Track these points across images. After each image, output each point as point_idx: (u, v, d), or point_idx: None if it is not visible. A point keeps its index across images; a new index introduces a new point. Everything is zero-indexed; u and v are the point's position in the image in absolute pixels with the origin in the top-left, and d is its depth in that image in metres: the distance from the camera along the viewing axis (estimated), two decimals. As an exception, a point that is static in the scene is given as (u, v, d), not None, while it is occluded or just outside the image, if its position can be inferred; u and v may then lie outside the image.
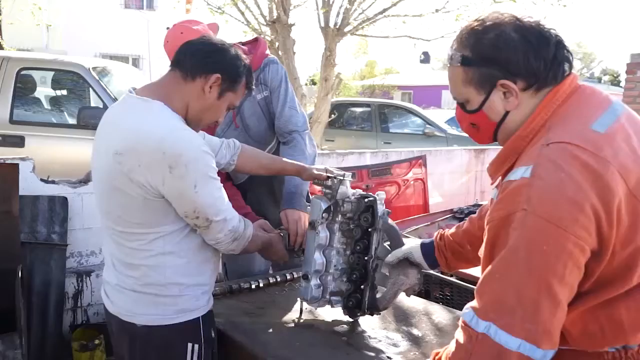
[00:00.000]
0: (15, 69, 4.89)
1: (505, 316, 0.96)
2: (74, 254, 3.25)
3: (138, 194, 1.39)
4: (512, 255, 0.98)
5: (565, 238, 0.93)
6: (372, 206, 1.73)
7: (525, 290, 0.95)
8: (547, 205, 0.95)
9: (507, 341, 0.95)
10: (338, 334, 1.73)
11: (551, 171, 0.98)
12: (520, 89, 1.10)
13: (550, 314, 0.95)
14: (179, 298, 1.50)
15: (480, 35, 1.11)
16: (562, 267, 0.94)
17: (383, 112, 9.13)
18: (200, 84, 1.48)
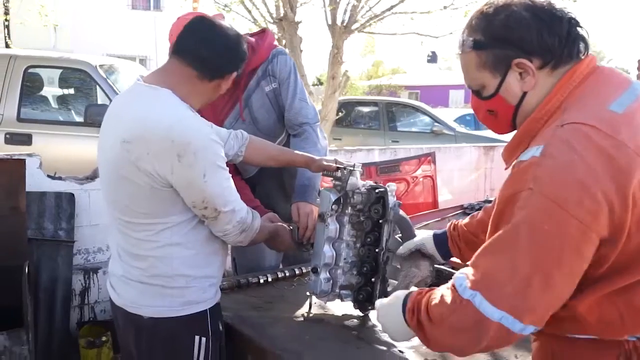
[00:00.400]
0: (22, 67, 4.89)
1: (494, 290, 0.96)
2: (80, 250, 3.23)
3: (146, 182, 1.36)
4: (512, 231, 0.96)
5: (568, 221, 0.91)
6: (382, 197, 1.69)
7: (519, 267, 0.94)
8: (554, 185, 0.93)
9: (490, 312, 0.96)
10: (348, 328, 1.69)
11: (563, 151, 0.95)
12: (536, 68, 1.07)
13: (541, 293, 0.94)
14: (186, 290, 1.47)
15: (491, 17, 1.09)
16: (560, 250, 0.93)
17: (391, 111, 9.07)
18: (217, 83, 1.49)
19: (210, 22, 1.49)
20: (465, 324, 1.00)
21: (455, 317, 1.02)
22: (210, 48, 1.45)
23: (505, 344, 1.04)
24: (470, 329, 1.00)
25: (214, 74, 1.46)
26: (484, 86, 1.14)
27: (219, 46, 1.46)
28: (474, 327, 0.99)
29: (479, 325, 0.98)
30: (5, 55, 5.07)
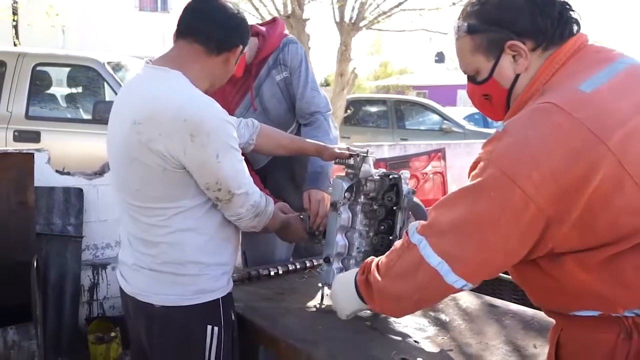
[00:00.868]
0: (30, 65, 4.89)
1: (436, 236, 1.04)
2: (89, 246, 3.22)
3: (157, 164, 1.33)
4: (464, 191, 1.03)
5: (513, 190, 0.95)
6: (396, 184, 1.65)
7: (461, 222, 1.01)
8: (507, 159, 0.97)
9: (429, 256, 1.04)
10: (361, 318, 1.65)
11: (521, 128, 0.99)
12: (529, 49, 1.09)
13: (475, 249, 1.01)
14: (198, 278, 1.44)
15: (484, 1, 1.11)
16: (500, 213, 0.97)
17: (399, 109, 9.03)
18: (225, 57, 1.46)
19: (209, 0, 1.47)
20: (407, 267, 1.09)
21: (400, 262, 1.11)
22: (211, 20, 1.44)
23: (438, 294, 1.11)
24: (411, 273, 1.08)
25: (220, 46, 1.44)
26: (478, 70, 1.15)
27: (219, 19, 1.45)
28: (414, 269, 1.07)
29: (418, 267, 1.06)
30: (13, 53, 5.07)
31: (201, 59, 1.43)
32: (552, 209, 0.95)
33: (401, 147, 4.93)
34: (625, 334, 0.99)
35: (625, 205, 0.94)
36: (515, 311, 1.71)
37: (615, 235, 0.96)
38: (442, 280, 1.04)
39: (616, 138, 0.94)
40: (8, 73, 4.85)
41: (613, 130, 0.94)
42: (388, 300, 1.18)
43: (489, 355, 1.42)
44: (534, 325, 1.59)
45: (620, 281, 0.97)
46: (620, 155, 0.93)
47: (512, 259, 1.02)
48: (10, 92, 4.82)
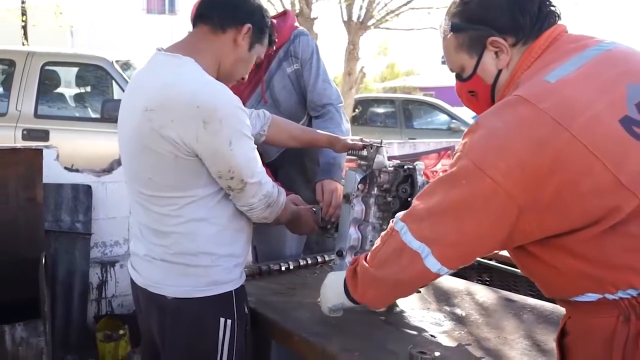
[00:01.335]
0: (39, 64, 4.89)
1: (415, 222, 1.09)
2: (97, 243, 3.21)
3: (169, 151, 1.30)
4: (439, 181, 1.09)
5: (482, 179, 0.99)
6: (411, 175, 1.61)
7: (437, 209, 1.06)
8: (477, 150, 1.02)
9: (410, 241, 1.08)
10: (375, 313, 1.61)
11: (490, 120, 1.04)
12: (510, 45, 1.13)
13: (452, 235, 1.05)
14: (210, 269, 1.41)
15: (467, 1, 1.17)
16: (472, 202, 1.01)
17: (407, 108, 8.98)
18: (232, 36, 1.43)
19: None
20: (391, 252, 1.13)
21: (384, 248, 1.16)
22: (215, 1, 1.44)
23: (416, 278, 1.13)
24: (394, 258, 1.12)
25: (223, 23, 1.42)
26: (463, 68, 1.20)
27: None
28: (397, 254, 1.11)
29: (400, 252, 1.10)
30: (22, 52, 5.08)
31: (208, 39, 1.42)
32: (522, 196, 0.98)
33: (411, 145, 4.89)
34: (624, 317, 1.00)
35: (596, 189, 0.96)
36: (534, 305, 1.67)
37: (590, 218, 0.97)
38: (421, 262, 1.07)
39: (579, 124, 0.96)
40: (17, 72, 4.86)
41: (576, 117, 0.97)
42: (370, 286, 1.21)
43: (508, 350, 1.38)
44: (553, 320, 1.55)
45: (606, 262, 0.99)
46: (586, 140, 0.95)
47: (488, 244, 1.06)
48: (19, 91, 4.83)
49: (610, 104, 0.99)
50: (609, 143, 0.96)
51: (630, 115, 0.98)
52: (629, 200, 0.95)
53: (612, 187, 0.95)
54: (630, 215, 0.95)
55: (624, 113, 0.98)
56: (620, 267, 0.98)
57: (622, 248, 0.97)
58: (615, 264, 0.98)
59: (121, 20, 17.21)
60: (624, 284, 0.98)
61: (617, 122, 0.97)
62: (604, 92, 1.00)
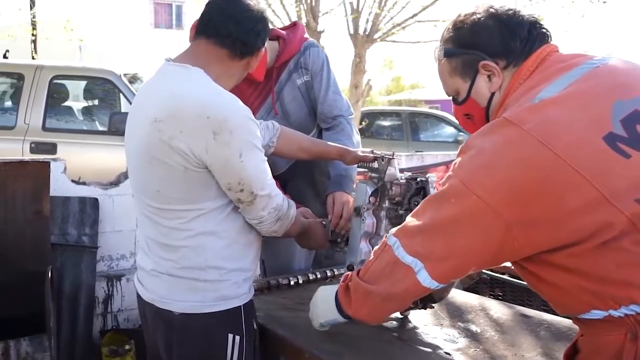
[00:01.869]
0: (48, 77, 4.92)
1: (407, 237, 1.12)
2: (104, 257, 3.17)
3: (179, 163, 1.28)
4: (431, 199, 1.13)
5: (469, 196, 1.01)
6: (423, 188, 1.58)
7: (428, 225, 1.09)
8: (465, 170, 1.05)
9: (402, 256, 1.10)
10: (387, 329, 1.58)
11: (478, 141, 1.06)
12: (501, 68, 1.17)
13: (442, 251, 1.07)
14: (219, 284, 1.38)
15: (459, 26, 1.21)
16: (461, 218, 1.04)
17: (414, 121, 8.96)
18: (247, 61, 1.43)
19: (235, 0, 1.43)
20: (384, 267, 1.15)
21: (377, 262, 1.17)
22: (238, 24, 1.38)
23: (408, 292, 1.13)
24: (387, 272, 1.13)
25: (244, 51, 1.40)
26: (457, 92, 1.24)
27: (246, 22, 1.40)
28: (390, 269, 1.13)
29: (393, 266, 1.12)
30: (31, 66, 5.12)
31: (224, 62, 1.40)
32: (509, 213, 0.99)
33: (418, 158, 4.85)
34: (631, 335, 0.99)
35: (583, 206, 0.96)
36: (550, 321, 1.62)
37: (580, 234, 0.98)
38: (414, 276, 1.09)
39: (563, 143, 0.97)
40: (26, 85, 4.89)
41: (559, 136, 0.98)
42: (364, 301, 1.21)
43: (526, 368, 1.34)
44: (570, 336, 1.49)
45: (603, 277, 0.99)
46: (570, 159, 0.96)
47: (477, 260, 1.08)
48: (27, 105, 4.85)
49: (594, 122, 1.00)
50: (594, 161, 0.97)
51: (614, 132, 0.98)
52: (617, 217, 0.95)
53: (599, 204, 0.95)
54: (623, 232, 0.95)
55: (608, 130, 0.99)
56: (618, 282, 0.98)
57: (617, 263, 0.97)
58: (612, 279, 0.99)
59: (129, 35, 17.39)
60: (625, 300, 0.98)
61: (600, 139, 0.98)
62: (588, 110, 1.01)
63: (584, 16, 7.79)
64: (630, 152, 0.97)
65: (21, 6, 10.29)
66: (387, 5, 7.02)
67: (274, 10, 7.29)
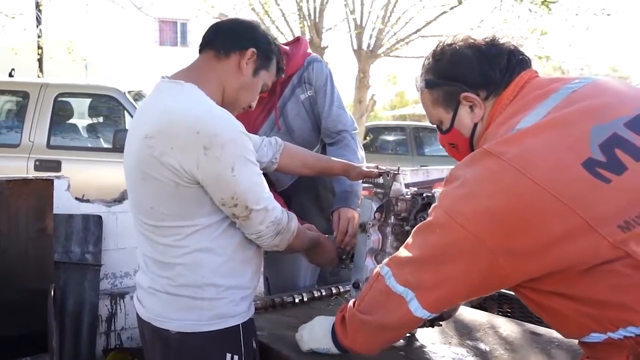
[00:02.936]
0: (53, 95, 4.94)
1: (398, 267, 1.13)
2: (107, 275, 3.15)
3: (169, 179, 1.27)
4: (418, 230, 1.13)
5: (453, 226, 1.03)
6: (429, 204, 1.56)
7: (416, 256, 1.10)
8: (448, 200, 1.07)
9: (394, 285, 1.12)
10: (395, 348, 1.54)
11: (460, 173, 1.07)
12: (482, 99, 1.17)
13: (431, 280, 1.08)
14: (216, 301, 1.36)
15: (438, 57, 1.22)
16: (446, 248, 1.05)
17: (418, 136, 8.95)
18: (236, 60, 1.41)
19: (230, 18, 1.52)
20: (377, 297, 1.15)
21: (371, 292, 1.18)
22: (220, 28, 1.47)
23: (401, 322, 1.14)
24: (380, 302, 1.14)
25: (227, 47, 1.40)
26: (441, 121, 1.25)
27: (230, 23, 1.49)
28: (383, 298, 1.13)
29: (386, 296, 1.13)
30: (36, 84, 5.15)
31: (212, 65, 1.41)
32: (492, 241, 0.99)
33: (424, 172, 4.84)
34: (633, 357, 0.98)
35: (568, 234, 0.95)
36: (561, 339, 1.58)
37: (567, 261, 0.97)
38: (406, 306, 1.10)
39: (542, 171, 0.97)
40: (31, 103, 4.91)
41: (538, 165, 0.98)
42: (358, 331, 1.22)
43: (538, 388, 1.30)
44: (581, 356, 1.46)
45: (597, 301, 0.98)
46: (550, 186, 0.96)
47: (466, 288, 1.08)
48: (32, 122, 4.87)
49: (572, 148, 0.99)
50: (574, 187, 0.96)
51: (593, 157, 0.97)
52: (600, 243, 0.94)
53: (582, 231, 0.94)
54: (609, 257, 0.94)
55: (587, 155, 0.98)
56: (613, 305, 0.97)
57: (611, 286, 0.96)
58: (607, 302, 0.97)
59: (135, 53, 17.55)
60: (622, 322, 0.97)
61: (579, 165, 0.97)
62: (566, 137, 1.01)
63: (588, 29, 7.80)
64: (610, 177, 0.96)
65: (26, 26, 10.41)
66: (390, 21, 7.07)
67: (277, 27, 7.35)
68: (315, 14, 7.67)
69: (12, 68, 5.71)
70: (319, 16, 7.64)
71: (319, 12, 7.71)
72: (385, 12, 7.89)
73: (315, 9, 7.63)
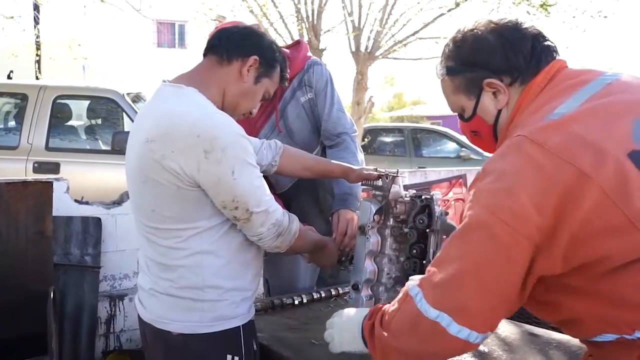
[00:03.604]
0: (51, 97, 4.95)
1: (431, 287, 1.01)
2: (107, 277, 3.16)
3: (171, 182, 1.28)
4: (454, 238, 1.03)
5: (496, 224, 0.95)
6: (428, 206, 1.57)
7: (455, 269, 0.99)
8: (488, 195, 0.99)
9: (426, 310, 1.00)
10: (394, 349, 1.55)
11: (497, 165, 1.01)
12: (507, 85, 1.13)
13: (475, 295, 0.97)
14: (217, 303, 1.37)
15: (459, 43, 1.18)
16: (492, 251, 0.96)
17: (416, 137, 8.98)
18: (238, 67, 1.42)
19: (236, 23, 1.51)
20: (406, 321, 1.04)
21: (399, 315, 1.06)
22: (224, 33, 1.46)
23: (447, 349, 1.02)
24: (410, 327, 1.03)
25: (230, 53, 1.41)
26: (463, 109, 1.21)
27: (234, 28, 1.48)
28: (413, 323, 1.02)
29: (416, 321, 1.01)
30: (35, 86, 5.15)
31: (214, 70, 1.42)
32: (537, 236, 0.95)
33: (422, 174, 4.84)
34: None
35: (607, 226, 0.93)
36: (559, 340, 1.60)
37: (603, 254, 0.94)
38: (445, 332, 0.98)
39: (588, 161, 0.94)
40: (29, 105, 4.91)
41: (584, 155, 0.94)
42: (390, 356, 1.10)
43: (536, 389, 1.31)
44: (580, 356, 1.48)
45: (620, 300, 0.95)
46: (595, 176, 0.93)
47: (512, 296, 0.99)
48: (31, 124, 4.87)
49: (618, 139, 0.96)
50: (619, 180, 0.93)
51: (637, 149, 0.95)
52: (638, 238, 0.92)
53: (622, 225, 0.92)
54: None
55: (632, 147, 0.96)
56: (634, 305, 0.95)
57: (635, 285, 0.94)
58: (630, 301, 0.95)
59: (132, 55, 17.54)
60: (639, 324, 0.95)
61: (626, 157, 0.94)
62: (610, 127, 0.98)
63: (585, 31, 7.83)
64: None
65: (25, 27, 10.41)
66: (388, 23, 7.09)
67: (276, 29, 7.37)
68: (313, 16, 7.70)
69: (10, 70, 5.70)
70: (317, 18, 7.66)
71: (317, 14, 7.74)
72: (383, 15, 7.94)
73: (314, 11, 7.67)
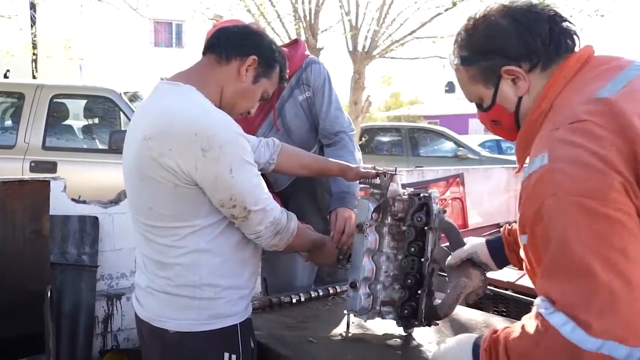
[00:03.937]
0: (48, 96, 4.93)
1: (582, 309, 0.83)
2: (104, 276, 3.15)
3: (168, 180, 1.28)
4: (563, 246, 0.87)
5: (606, 206, 0.85)
6: (426, 204, 1.57)
7: (593, 281, 0.83)
8: (575, 181, 0.88)
9: (583, 340, 0.82)
10: (392, 347, 1.56)
11: (568, 150, 0.92)
12: (526, 71, 1.08)
13: (629, 298, 0.82)
14: (214, 301, 1.37)
15: (471, 31, 1.13)
16: (618, 239, 0.84)
17: (413, 136, 8.99)
18: (236, 66, 1.42)
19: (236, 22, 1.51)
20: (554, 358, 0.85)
21: (541, 351, 0.87)
22: (223, 33, 1.46)
23: None
24: None
25: (229, 53, 1.41)
26: (481, 98, 1.16)
27: (234, 28, 1.48)
28: None
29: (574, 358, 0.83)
30: (31, 85, 5.14)
31: (212, 68, 1.42)
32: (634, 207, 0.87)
33: (419, 173, 4.85)
34: None
35: None
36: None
37: None
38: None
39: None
40: (26, 105, 4.90)
41: None
42: None
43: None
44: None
45: None
46: None
47: None
48: (27, 124, 4.86)
49: None
50: None
51: None
52: None
53: None
54: None
55: None
56: None
57: None
58: None
59: (129, 54, 17.51)
60: None
61: None
62: None
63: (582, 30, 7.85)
64: None
65: (22, 26, 10.37)
66: (385, 22, 7.10)
67: (273, 28, 7.37)
68: (310, 16, 7.71)
69: (7, 69, 5.69)
70: (314, 17, 7.67)
71: (314, 13, 7.75)
72: (380, 14, 7.96)
73: (311, 11, 7.68)
